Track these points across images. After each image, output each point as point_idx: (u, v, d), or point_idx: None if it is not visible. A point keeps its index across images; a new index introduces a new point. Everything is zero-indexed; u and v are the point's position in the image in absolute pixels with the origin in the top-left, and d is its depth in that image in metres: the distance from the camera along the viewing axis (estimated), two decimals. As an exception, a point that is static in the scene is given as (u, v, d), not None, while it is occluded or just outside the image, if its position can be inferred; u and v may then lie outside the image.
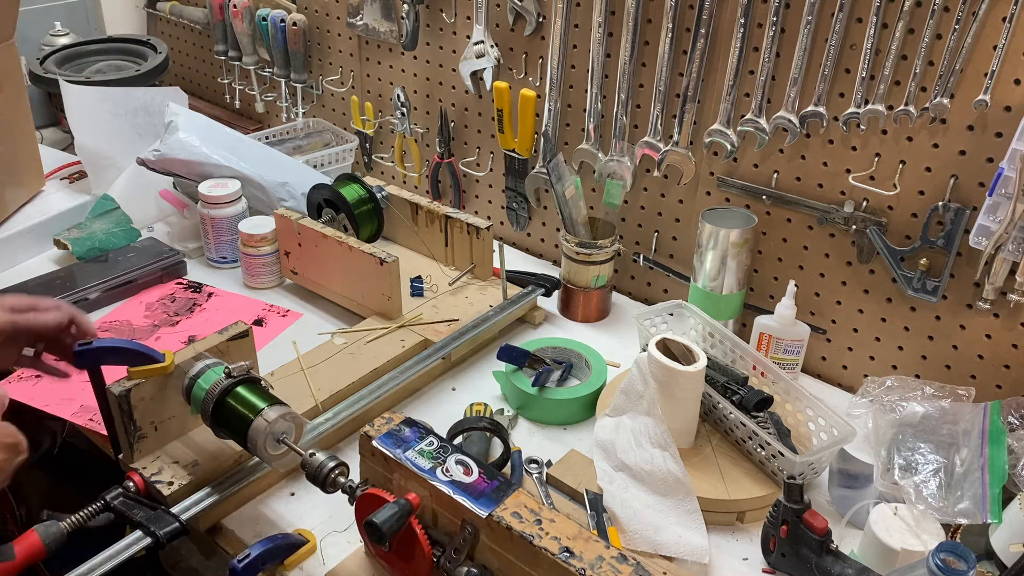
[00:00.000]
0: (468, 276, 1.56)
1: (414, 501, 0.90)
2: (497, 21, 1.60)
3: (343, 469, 0.98)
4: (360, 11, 1.80)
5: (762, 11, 1.27)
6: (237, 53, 2.10)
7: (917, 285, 1.24)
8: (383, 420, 0.98)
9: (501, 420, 1.25)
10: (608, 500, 1.10)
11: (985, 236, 1.13)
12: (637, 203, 1.55)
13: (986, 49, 1.10)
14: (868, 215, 1.27)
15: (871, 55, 1.19)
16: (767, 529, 1.03)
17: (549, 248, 1.74)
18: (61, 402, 1.29)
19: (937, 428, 1.10)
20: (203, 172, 1.66)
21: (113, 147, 1.82)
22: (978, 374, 1.25)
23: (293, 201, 1.71)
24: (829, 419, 1.13)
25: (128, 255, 1.62)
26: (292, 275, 1.59)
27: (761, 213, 1.38)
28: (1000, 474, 1.01)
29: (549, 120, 1.58)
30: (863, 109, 1.22)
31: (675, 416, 1.15)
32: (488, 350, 1.44)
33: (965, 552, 0.81)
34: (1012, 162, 1.08)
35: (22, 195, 1.77)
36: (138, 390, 1.07)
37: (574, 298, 1.53)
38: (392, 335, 1.40)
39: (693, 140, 1.42)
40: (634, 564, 0.81)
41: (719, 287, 1.38)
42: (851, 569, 0.95)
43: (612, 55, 1.46)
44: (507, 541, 0.85)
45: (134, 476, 1.06)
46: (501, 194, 1.76)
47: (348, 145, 1.95)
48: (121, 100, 1.84)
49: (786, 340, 1.34)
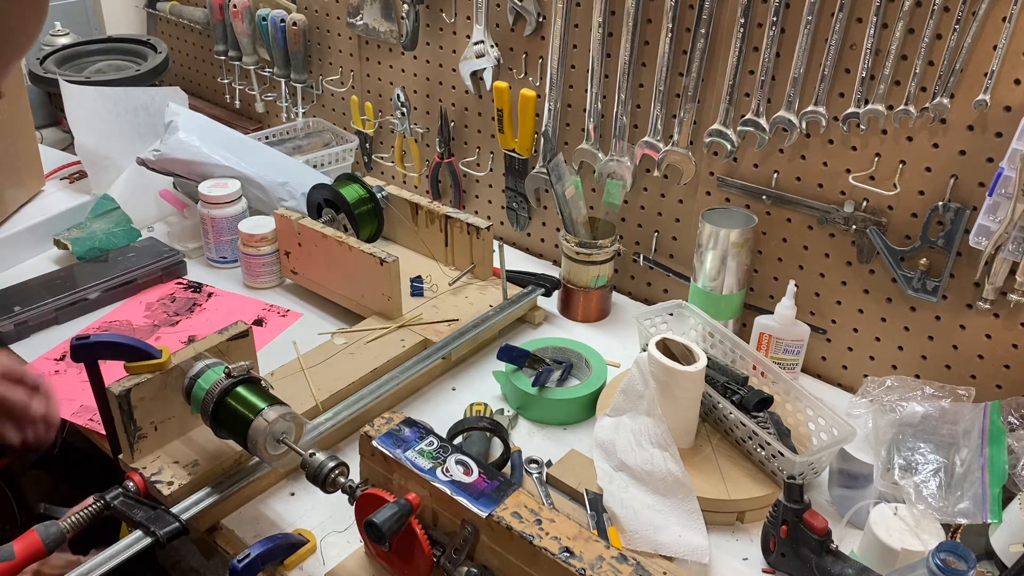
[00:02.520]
0: (468, 276, 1.56)
1: (414, 501, 0.90)
2: (497, 21, 1.60)
3: (343, 469, 0.98)
4: (360, 11, 1.80)
5: (762, 11, 1.27)
6: (237, 53, 2.10)
7: (917, 285, 1.24)
8: (383, 420, 0.98)
9: (501, 420, 1.25)
10: (608, 500, 1.10)
11: (985, 236, 1.13)
12: (637, 203, 1.55)
13: (986, 49, 1.10)
14: (868, 215, 1.27)
15: (871, 55, 1.19)
16: (767, 529, 1.03)
17: (549, 248, 1.74)
18: (61, 402, 1.29)
19: (937, 428, 1.10)
20: (203, 172, 1.66)
21: (113, 147, 1.82)
22: (978, 374, 1.25)
23: (293, 201, 1.71)
24: (829, 419, 1.13)
25: (128, 255, 1.62)
26: (292, 275, 1.59)
27: (761, 213, 1.38)
28: (1000, 474, 1.01)
29: (549, 120, 1.58)
30: (863, 109, 1.22)
31: (675, 416, 1.15)
32: (488, 350, 1.44)
33: (965, 552, 0.81)
34: (1012, 162, 1.08)
35: (22, 195, 1.78)
36: (138, 390, 1.07)
37: (574, 298, 1.53)
38: (392, 335, 1.40)
39: (693, 140, 1.42)
40: (634, 564, 0.81)
41: (719, 287, 1.38)
42: (851, 569, 0.95)
43: (612, 55, 1.46)
44: (507, 541, 0.85)
45: (134, 476, 1.06)
46: (501, 194, 1.76)
47: (348, 145, 1.95)
48: (121, 100, 1.84)
49: (786, 340, 1.34)
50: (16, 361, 1.08)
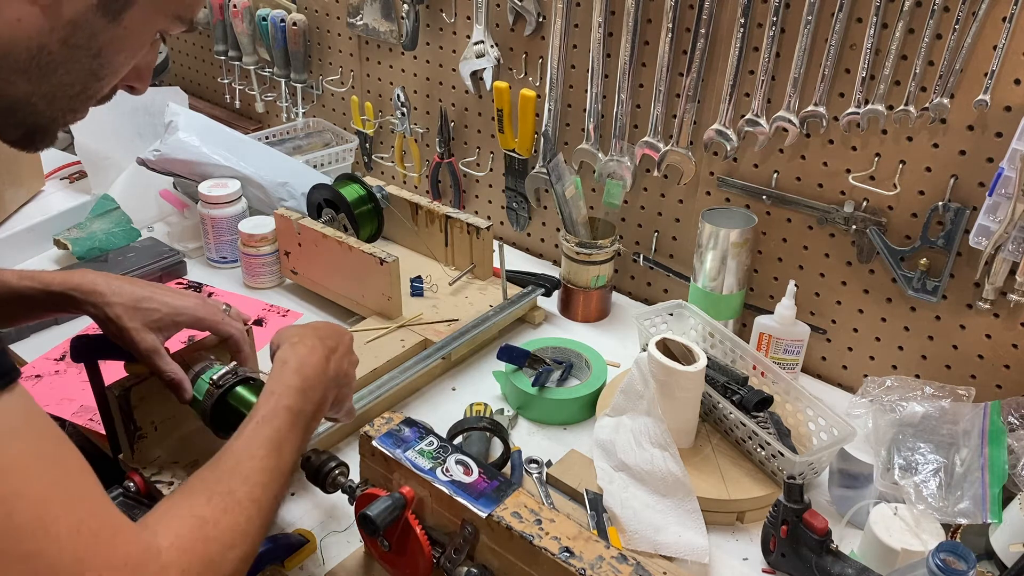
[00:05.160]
0: (468, 276, 1.56)
1: (408, 495, 0.90)
2: (497, 21, 1.60)
3: (343, 469, 0.98)
4: (360, 11, 1.80)
5: (762, 11, 1.27)
6: (237, 53, 2.10)
7: (917, 285, 1.24)
8: (383, 420, 0.98)
9: (501, 420, 1.25)
10: (608, 500, 1.10)
11: (985, 236, 1.13)
12: (637, 203, 1.55)
13: (986, 49, 1.10)
14: (868, 215, 1.27)
15: (871, 55, 1.19)
16: (767, 529, 1.03)
17: (549, 248, 1.74)
18: (61, 402, 1.29)
19: (937, 428, 1.10)
20: (203, 172, 1.66)
21: (113, 147, 1.82)
22: (978, 374, 1.25)
23: (293, 201, 1.71)
24: (829, 419, 1.13)
25: (128, 255, 1.62)
26: (292, 275, 1.59)
27: (761, 213, 1.38)
28: (1000, 474, 1.01)
29: (549, 120, 1.58)
30: (863, 109, 1.22)
31: (675, 416, 1.15)
32: (488, 350, 1.44)
33: (965, 552, 0.81)
34: (1012, 162, 1.08)
35: (22, 195, 1.77)
36: (138, 390, 1.07)
37: (574, 298, 1.53)
38: (392, 335, 1.40)
39: (693, 140, 1.42)
40: (634, 564, 0.81)
41: (719, 287, 1.38)
42: (851, 569, 0.95)
43: (612, 55, 1.46)
44: (507, 541, 0.85)
45: (134, 476, 1.06)
46: (501, 194, 1.76)
47: (348, 145, 1.95)
48: (121, 100, 1.82)
49: (786, 340, 1.34)
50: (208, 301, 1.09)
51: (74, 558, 0.62)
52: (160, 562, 0.67)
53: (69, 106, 0.75)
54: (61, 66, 0.71)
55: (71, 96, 0.75)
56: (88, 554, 0.62)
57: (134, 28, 0.74)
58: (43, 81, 0.71)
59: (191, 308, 1.04)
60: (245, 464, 0.81)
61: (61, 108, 0.75)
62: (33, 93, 0.72)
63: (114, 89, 0.80)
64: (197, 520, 0.73)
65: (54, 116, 0.75)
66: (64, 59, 0.71)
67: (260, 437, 0.85)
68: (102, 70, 0.75)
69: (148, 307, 1.01)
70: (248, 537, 0.76)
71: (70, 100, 0.75)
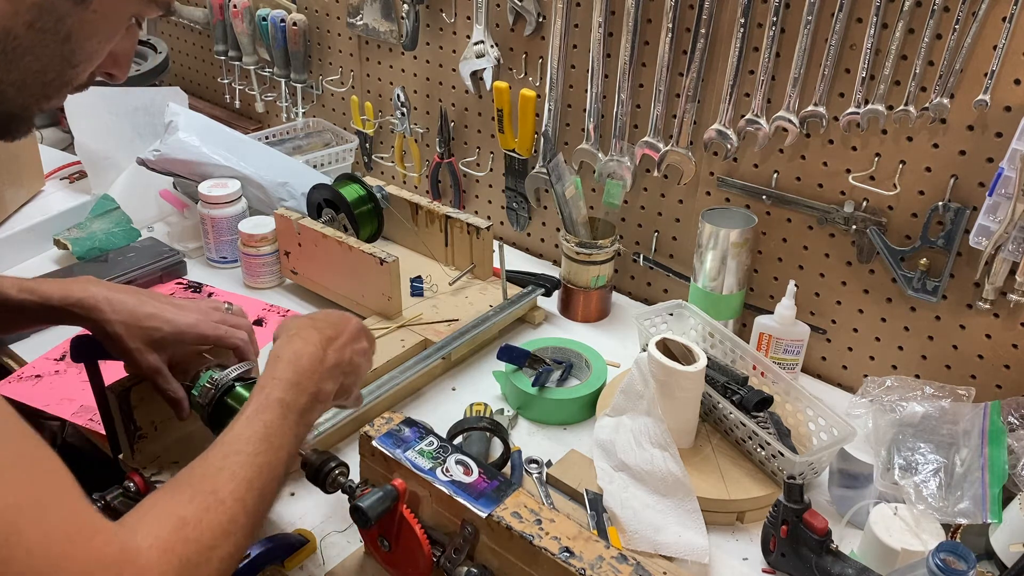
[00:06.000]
0: (468, 276, 1.57)
1: (400, 487, 0.90)
2: (497, 21, 1.60)
3: (343, 469, 0.98)
4: (360, 11, 1.80)
5: (762, 11, 1.27)
6: (237, 53, 2.10)
7: (917, 285, 1.24)
8: (383, 420, 0.98)
9: (501, 420, 1.25)
10: (608, 500, 1.10)
11: (985, 236, 1.13)
12: (637, 203, 1.55)
13: (986, 49, 1.10)
14: (868, 215, 1.27)
15: (871, 55, 1.19)
16: (767, 529, 1.03)
17: (549, 248, 1.74)
18: (61, 402, 1.29)
19: (937, 428, 1.10)
20: (203, 172, 1.66)
21: (113, 147, 1.82)
22: (978, 374, 1.25)
23: (293, 201, 1.71)
24: (829, 419, 1.13)
25: (128, 255, 1.62)
26: (292, 275, 1.59)
27: (761, 213, 1.38)
28: (1000, 474, 1.01)
29: (549, 120, 1.58)
30: (863, 109, 1.22)
31: (675, 416, 1.15)
32: (488, 350, 1.44)
33: (965, 552, 0.81)
34: (1012, 162, 1.08)
35: (22, 195, 1.77)
36: (138, 390, 1.07)
37: (574, 298, 1.53)
38: (392, 335, 1.40)
39: (693, 140, 1.42)
40: (634, 564, 0.81)
41: (719, 287, 1.38)
42: (851, 569, 0.95)
43: (612, 55, 1.46)
44: (507, 541, 0.85)
45: (134, 476, 1.06)
46: (501, 194, 1.76)
47: (348, 145, 1.95)
48: (121, 100, 1.84)
49: (786, 340, 1.34)
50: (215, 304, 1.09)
51: (47, 563, 0.60)
52: (139, 564, 0.65)
53: (43, 92, 0.74)
54: (29, 52, 0.70)
55: (44, 83, 0.73)
56: (62, 558, 0.60)
57: (105, 12, 0.73)
58: (11, 67, 0.70)
59: (194, 325, 1.03)
60: (232, 460, 0.79)
61: (34, 95, 0.73)
62: (1, 80, 0.70)
63: (92, 76, 0.78)
64: (178, 520, 0.70)
65: (26, 104, 0.74)
66: (32, 44, 0.70)
67: (249, 431, 0.82)
68: (74, 56, 0.73)
69: (150, 325, 1.00)
70: (231, 537, 0.74)
71: (43, 87, 0.73)
